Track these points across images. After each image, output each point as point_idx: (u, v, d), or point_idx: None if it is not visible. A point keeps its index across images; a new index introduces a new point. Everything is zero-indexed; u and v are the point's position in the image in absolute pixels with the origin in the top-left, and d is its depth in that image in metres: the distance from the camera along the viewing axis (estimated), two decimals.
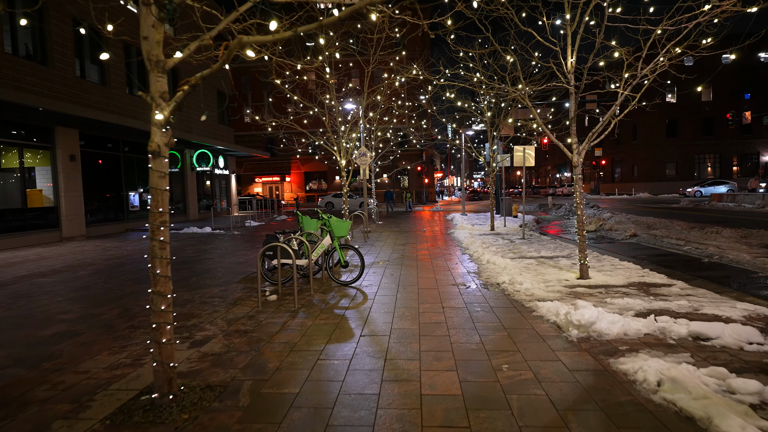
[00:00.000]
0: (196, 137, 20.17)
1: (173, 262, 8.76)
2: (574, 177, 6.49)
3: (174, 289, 6.65)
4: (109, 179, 16.17)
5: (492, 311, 4.91)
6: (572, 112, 6.39)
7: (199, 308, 5.32)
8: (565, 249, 9.41)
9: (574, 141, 6.43)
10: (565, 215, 20.05)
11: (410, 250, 9.91)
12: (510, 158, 13.65)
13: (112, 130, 15.41)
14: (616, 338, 3.93)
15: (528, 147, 11.79)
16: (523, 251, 9.31)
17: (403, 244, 11.18)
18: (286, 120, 10.58)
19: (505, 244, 10.61)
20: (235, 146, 24.48)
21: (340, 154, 10.38)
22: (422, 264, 8.09)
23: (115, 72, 15.90)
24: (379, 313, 4.95)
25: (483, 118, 13.64)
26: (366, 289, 6.14)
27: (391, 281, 6.62)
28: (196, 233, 15.14)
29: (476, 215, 20.92)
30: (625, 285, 6.01)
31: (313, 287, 6.28)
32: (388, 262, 8.36)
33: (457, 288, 6.09)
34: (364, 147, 14.40)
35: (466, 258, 8.69)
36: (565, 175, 64.34)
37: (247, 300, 5.67)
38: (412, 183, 42.70)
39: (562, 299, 5.28)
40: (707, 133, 42.60)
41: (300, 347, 3.91)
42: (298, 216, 7.26)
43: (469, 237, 11.65)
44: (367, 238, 12.55)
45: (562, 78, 6.39)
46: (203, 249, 11.03)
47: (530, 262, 7.87)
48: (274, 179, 46.32)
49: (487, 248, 9.72)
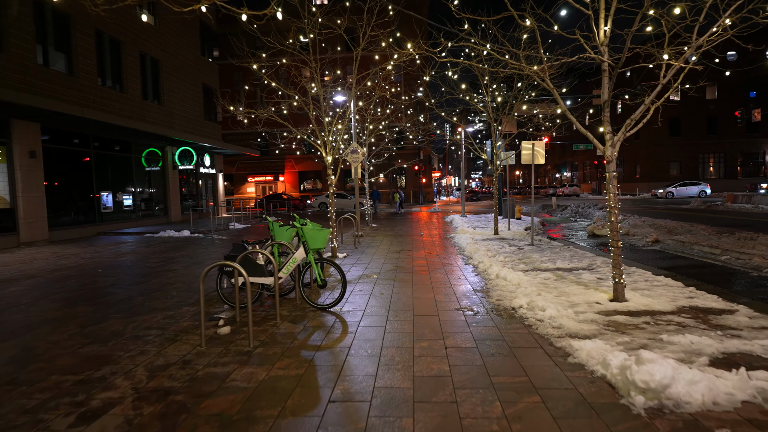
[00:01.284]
0: (178, 133, 18.84)
1: (124, 278, 7.37)
2: (607, 175, 5.24)
3: (109, 314, 5.28)
4: (79, 178, 14.83)
5: (512, 354, 3.65)
6: (605, 94, 5.13)
7: (124, 347, 4.04)
8: (584, 259, 8.16)
9: (608, 130, 5.18)
10: (571, 217, 18.84)
11: (405, 259, 8.65)
12: (517, 155, 12.42)
13: (81, 124, 14.08)
14: (703, 410, 2.68)
15: (537, 143, 10.55)
16: (536, 261, 8.06)
17: (397, 251, 9.92)
18: (265, 111, 9.30)
19: (513, 251, 9.36)
20: (223, 144, 23.15)
21: (325, 149, 9.11)
22: (419, 278, 6.82)
23: (84, 61, 14.56)
24: (360, 356, 3.69)
25: (485, 110, 12.40)
26: (347, 316, 4.87)
27: (380, 304, 5.35)
28: (172, 237, 13.83)
29: (476, 217, 19.68)
30: (674, 311, 4.76)
31: (281, 313, 5.00)
32: (378, 276, 7.09)
33: (462, 314, 4.83)
34: (356, 143, 13.14)
35: (470, 270, 7.43)
36: (565, 174, 63.24)
37: (193, 333, 4.38)
38: (410, 182, 41.44)
39: (603, 334, 4.03)
40: (711, 132, 41.55)
41: (236, 426, 2.64)
42: (268, 223, 5.99)
43: (471, 243, 10.40)
44: (358, 244, 11.28)
45: (590, 52, 5.12)
46: (170, 257, 9.73)
47: (547, 277, 6.62)
48: (268, 179, 45.03)
49: (494, 257, 8.47)
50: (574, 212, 19.16)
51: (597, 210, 17.78)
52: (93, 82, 14.95)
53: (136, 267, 8.56)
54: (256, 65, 8.95)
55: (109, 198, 16.00)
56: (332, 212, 9.34)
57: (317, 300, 5.59)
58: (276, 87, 8.70)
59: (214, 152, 23.78)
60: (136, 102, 17.24)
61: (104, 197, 15.77)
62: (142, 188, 18.41)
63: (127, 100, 16.73)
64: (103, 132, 15.50)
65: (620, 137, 5.16)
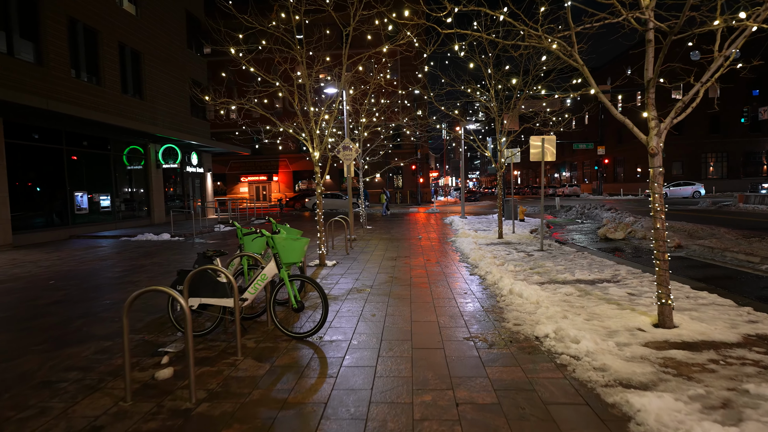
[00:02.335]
0: (162, 130, 17.77)
1: (74, 293, 6.05)
2: (651, 171, 4.24)
3: (30, 345, 4.13)
4: (49, 177, 13.73)
5: (549, 416, 2.64)
6: (650, 70, 4.13)
7: (21, 402, 3.00)
8: (605, 268, 7.18)
9: (653, 116, 4.18)
10: (577, 218, 17.88)
11: (402, 269, 7.63)
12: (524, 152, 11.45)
13: (52, 119, 13.00)
14: None
15: (547, 138, 9.56)
16: (551, 271, 7.06)
17: (393, 257, 8.90)
18: (245, 103, 8.27)
19: (523, 258, 8.37)
20: (211, 141, 22.09)
21: (312, 144, 8.08)
22: (418, 293, 5.81)
23: (55, 50, 13.46)
24: (339, 420, 2.67)
25: (488, 103, 11.41)
26: (329, 349, 3.85)
27: (370, 331, 4.33)
28: (149, 241, 12.76)
29: (477, 218, 18.70)
30: (741, 342, 3.77)
31: (247, 345, 3.98)
32: (371, 290, 6.07)
33: (474, 346, 3.82)
34: (348, 139, 12.12)
35: (477, 282, 6.42)
36: (564, 174, 62.44)
37: (124, 377, 3.35)
38: (407, 182, 40.46)
39: (664, 381, 3.03)
40: (714, 131, 40.75)
41: None
42: (237, 231, 4.96)
43: (475, 248, 9.40)
44: (350, 249, 10.26)
45: (631, 20, 4.11)
46: (138, 265, 8.68)
47: (568, 292, 5.62)
48: (261, 179, 43.98)
49: (502, 266, 7.47)
50: (580, 213, 18.21)
51: (605, 211, 16.82)
52: (65, 73, 13.85)
53: (96, 277, 7.50)
54: (234, 49, 7.92)
55: (84, 199, 14.90)
56: (320, 214, 8.32)
57: (294, 325, 4.56)
58: (255, 72, 7.66)
59: (202, 150, 22.70)
60: (114, 96, 16.14)
61: (78, 198, 14.67)
62: (123, 188, 17.32)
63: (105, 94, 15.63)
64: (77, 128, 14.41)
65: (668, 124, 4.16)
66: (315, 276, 7.21)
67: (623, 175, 45.93)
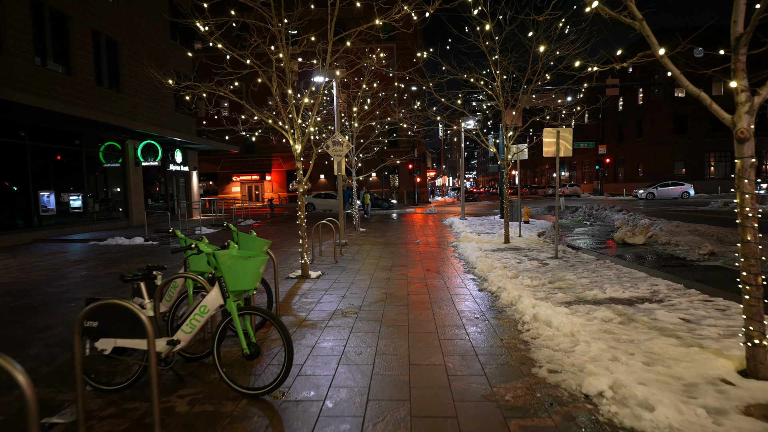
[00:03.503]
0: (141, 125, 16.53)
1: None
2: (737, 163, 3.10)
3: None
4: (10, 175, 12.48)
5: None
6: (741, 24, 2.99)
7: None
8: (638, 281, 6.05)
9: (743, 86, 3.04)
10: (584, 220, 16.78)
11: (398, 282, 6.48)
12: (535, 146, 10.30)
13: (10, 110, 11.75)
14: None
15: (562, 130, 8.43)
16: (575, 286, 5.92)
17: (388, 267, 7.74)
18: (211, 85, 7.09)
19: (537, 268, 7.23)
20: (196, 138, 20.84)
21: (293, 135, 6.91)
22: (417, 319, 4.65)
23: (16, 36, 12.20)
24: None
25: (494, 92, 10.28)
26: (290, 420, 2.68)
27: (353, 383, 3.16)
28: (118, 246, 11.53)
29: (478, 220, 17.58)
30: None
31: (174, 407, 2.80)
32: (359, 313, 4.91)
33: (502, 416, 2.66)
34: (339, 134, 10.95)
35: (489, 301, 5.28)
36: (563, 174, 61.52)
37: None
38: (403, 181, 39.33)
39: None
40: (717, 130, 39.82)
41: None
42: (180, 241, 3.79)
43: (481, 255, 8.26)
44: (340, 256, 9.10)
45: None
46: (92, 276, 7.47)
47: (606, 317, 4.48)
48: (254, 178, 42.76)
49: (516, 278, 6.33)
50: (588, 215, 17.11)
51: (615, 212, 15.72)
52: (27, 60, 12.59)
53: (33, 293, 6.29)
54: (201, 23, 6.73)
55: (51, 199, 13.64)
56: (302, 218, 7.14)
57: (251, 371, 3.39)
58: (224, 49, 6.47)
59: (187, 148, 21.46)
60: (87, 88, 14.89)
61: (44, 198, 13.41)
62: (97, 187, 16.06)
63: (76, 85, 14.37)
64: (44, 121, 13.16)
65: (765, 95, 3.02)
66: (294, 291, 6.04)
67: (625, 175, 44.98)
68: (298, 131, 6.87)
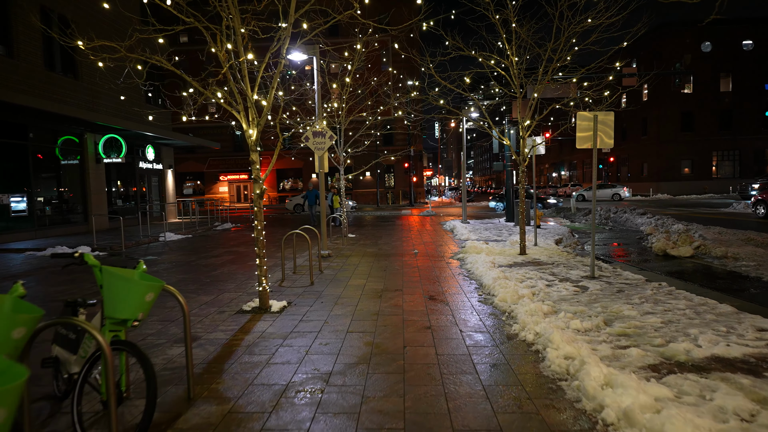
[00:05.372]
0: (104, 117, 14.58)
1: None
2: None
3: None
4: None
5: None
6: None
7: None
8: (732, 322, 4.22)
9: None
10: (602, 223, 14.99)
11: (390, 321, 4.61)
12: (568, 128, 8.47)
13: None
14: None
15: (602, 113, 6.60)
16: (646, 331, 4.08)
17: (377, 292, 5.89)
18: (143, 49, 5.22)
19: (576, 295, 5.40)
20: (170, 133, 18.86)
21: (246, 116, 5.05)
22: (421, 409, 2.79)
23: None
24: None
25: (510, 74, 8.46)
26: None
27: None
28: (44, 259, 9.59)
29: (482, 223, 15.77)
30: None
31: None
32: (324, 389, 3.05)
33: None
34: (321, 123, 9.09)
35: (528, 363, 3.43)
36: (563, 174, 59.93)
37: None
38: (399, 181, 37.49)
39: None
40: (725, 128, 38.27)
41: None
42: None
43: (497, 274, 6.41)
44: (318, 274, 7.22)
45: None
46: None
47: (738, 405, 2.63)
48: (242, 177, 40.80)
49: (555, 316, 4.49)
50: (604, 218, 15.33)
51: (637, 216, 13.93)
52: None
53: None
54: None
55: None
56: (259, 229, 5.26)
57: None
58: None
59: (161, 143, 19.49)
60: (34, 73, 12.92)
61: None
62: (49, 188, 14.09)
63: (19, 70, 12.40)
64: None
65: None
66: (239, 339, 4.17)
67: (629, 174, 43.37)
68: (253, 110, 4.99)
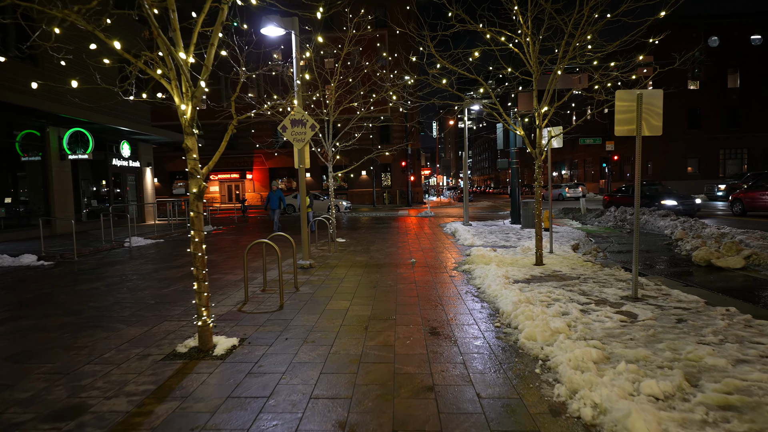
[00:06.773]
0: (68, 109, 13.13)
1: None
2: None
3: None
4: None
5: None
6: None
7: None
8: None
9: None
10: (615, 226, 13.63)
11: (376, 376, 3.22)
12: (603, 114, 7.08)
13: None
14: None
15: (647, 92, 5.21)
16: (759, 397, 2.71)
17: (362, 323, 4.49)
18: None
19: (625, 328, 4.01)
20: (147, 127, 17.43)
21: (179, 85, 3.66)
22: None
23: None
24: None
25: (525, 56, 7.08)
26: None
27: None
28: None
29: (485, 225, 14.40)
30: None
31: None
32: None
33: None
34: (300, 109, 7.68)
35: None
36: (564, 173, 58.65)
37: None
38: (396, 180, 36.09)
39: None
40: (733, 125, 37.01)
41: None
42: None
43: (515, 294, 5.01)
44: (293, 293, 5.82)
45: None
46: None
47: None
48: (233, 176, 39.33)
49: (607, 364, 3.09)
50: (619, 220, 13.96)
51: (659, 217, 12.57)
52: None
53: None
54: None
55: None
56: (196, 241, 3.85)
57: None
58: None
59: (139, 139, 18.02)
60: None
61: None
62: (5, 187, 12.63)
63: None
64: None
65: None
66: (164, 393, 2.75)
67: (632, 174, 42.01)
68: (187, 80, 3.58)
